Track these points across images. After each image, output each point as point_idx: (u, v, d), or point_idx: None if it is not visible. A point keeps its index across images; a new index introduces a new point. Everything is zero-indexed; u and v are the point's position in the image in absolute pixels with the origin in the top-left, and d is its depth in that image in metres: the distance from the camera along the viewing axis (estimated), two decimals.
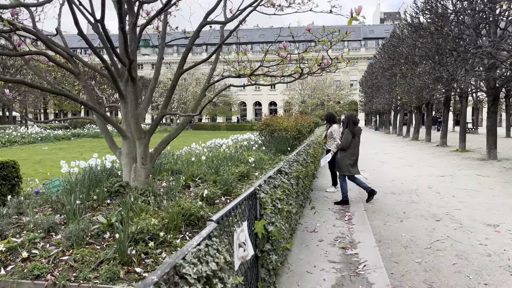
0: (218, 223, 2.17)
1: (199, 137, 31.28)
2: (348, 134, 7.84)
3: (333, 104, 61.79)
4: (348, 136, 7.83)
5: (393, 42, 29.14)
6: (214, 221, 2.11)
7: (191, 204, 5.27)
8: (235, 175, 8.40)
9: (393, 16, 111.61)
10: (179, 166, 8.46)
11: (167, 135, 6.87)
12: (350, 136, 7.85)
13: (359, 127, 8.18)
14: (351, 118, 8.08)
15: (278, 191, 3.65)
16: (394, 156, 16.73)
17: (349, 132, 7.86)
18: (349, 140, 7.84)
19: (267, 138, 14.84)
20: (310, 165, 7.15)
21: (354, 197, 8.37)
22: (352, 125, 7.96)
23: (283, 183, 4.00)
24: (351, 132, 7.86)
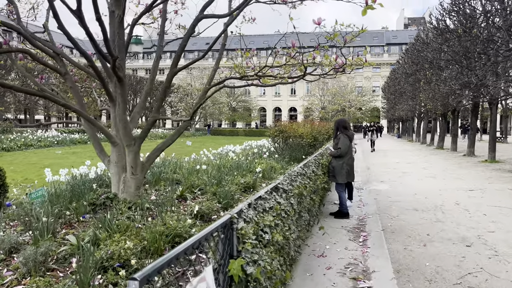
0: (148, 282, 1.45)
1: (216, 143, 30.72)
2: (345, 139, 7.15)
3: (355, 111, 60.48)
4: (345, 141, 7.13)
5: (417, 47, 27.97)
6: (139, 280, 1.39)
7: (178, 222, 4.57)
8: (240, 186, 7.71)
9: (418, 21, 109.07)
10: (180, 176, 7.79)
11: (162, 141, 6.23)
12: (347, 140, 7.16)
13: (351, 131, 7.65)
14: (341, 123, 7.49)
15: (268, 216, 2.91)
16: (417, 166, 15.68)
17: (345, 136, 7.17)
18: (348, 145, 7.16)
19: (280, 145, 14.08)
20: (321, 178, 6.35)
21: (371, 213, 7.52)
22: (344, 130, 7.35)
23: (278, 205, 3.26)
24: (347, 137, 7.18)
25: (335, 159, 7.18)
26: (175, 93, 53.02)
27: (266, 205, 3.01)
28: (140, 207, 5.59)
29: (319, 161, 7.04)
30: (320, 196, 6.36)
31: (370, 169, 14.67)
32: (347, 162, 7.14)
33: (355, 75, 76.94)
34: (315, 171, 5.96)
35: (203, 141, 34.24)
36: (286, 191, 3.77)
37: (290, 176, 4.32)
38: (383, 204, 8.30)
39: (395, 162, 17.53)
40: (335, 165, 7.15)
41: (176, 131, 6.16)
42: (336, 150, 7.11)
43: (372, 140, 24.07)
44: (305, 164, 5.65)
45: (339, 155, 7.09)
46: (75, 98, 5.86)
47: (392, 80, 45.79)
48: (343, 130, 7.23)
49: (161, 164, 9.14)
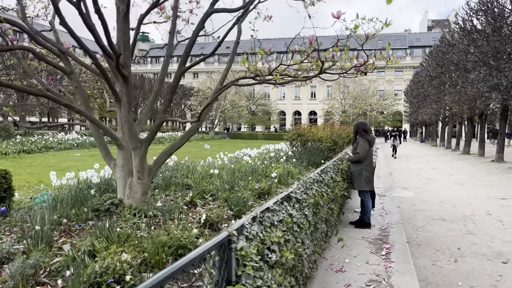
0: None
1: (234, 146, 30.43)
2: (364, 143, 6.65)
3: (376, 114, 59.35)
4: (364, 145, 6.63)
5: (442, 48, 27.07)
6: None
7: (183, 232, 4.20)
8: (254, 192, 7.31)
9: (442, 23, 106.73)
10: (191, 180, 7.45)
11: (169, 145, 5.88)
12: (366, 145, 6.66)
13: (372, 135, 7.11)
14: (361, 126, 6.98)
15: (277, 231, 2.50)
16: (442, 172, 14.95)
17: (365, 141, 6.67)
18: (367, 150, 6.65)
19: (298, 149, 13.61)
20: (340, 184, 5.89)
21: (394, 223, 7.00)
22: (364, 134, 6.83)
23: (289, 218, 2.85)
24: (367, 141, 6.68)
25: (354, 165, 6.70)
26: (194, 97, 53.10)
27: (275, 218, 2.60)
28: (146, 214, 5.27)
29: (338, 167, 6.58)
30: (339, 204, 5.90)
31: (393, 175, 14.04)
32: (365, 168, 6.65)
33: (376, 78, 75.74)
34: (333, 177, 5.50)
35: (221, 145, 34.04)
36: (300, 201, 3.35)
37: (305, 184, 3.90)
38: (407, 213, 7.76)
39: (418, 167, 16.81)
40: (353, 171, 6.68)
41: (185, 133, 5.82)
42: (355, 155, 6.63)
43: (395, 146, 22.52)
44: (322, 170, 5.21)
45: (358, 160, 6.61)
46: (80, 99, 5.59)
47: (415, 84, 44.62)
48: (363, 133, 6.76)
49: (173, 168, 8.83)
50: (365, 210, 6.67)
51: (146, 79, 52.80)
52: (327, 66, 4.88)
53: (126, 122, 5.18)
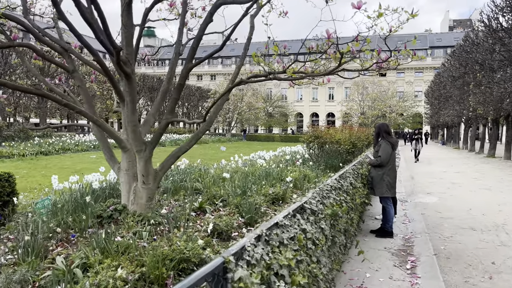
0: None
1: (251, 148, 30.06)
2: (387, 146, 6.14)
3: (396, 116, 58.21)
4: (387, 148, 6.12)
5: (465, 48, 26.15)
6: None
7: (187, 243, 3.83)
8: (268, 198, 6.91)
9: (464, 23, 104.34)
10: (201, 185, 7.09)
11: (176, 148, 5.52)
12: (389, 148, 6.15)
13: (395, 138, 6.62)
14: (383, 128, 6.46)
15: (287, 252, 2.09)
16: (467, 176, 14.23)
17: (387, 143, 6.17)
18: (389, 154, 6.14)
19: (315, 151, 13.14)
20: (361, 191, 5.43)
21: (419, 232, 6.49)
22: (387, 135, 6.33)
23: (302, 234, 2.43)
24: (389, 144, 6.17)
25: (374, 169, 6.22)
26: (211, 99, 53.07)
27: (285, 236, 2.20)
28: (151, 221, 4.93)
29: (358, 171, 6.12)
30: (359, 212, 5.44)
31: (414, 179, 13.42)
32: (388, 172, 6.16)
33: (396, 79, 74.39)
34: (353, 183, 5.05)
35: (238, 147, 33.73)
36: (315, 213, 2.93)
37: (322, 192, 3.47)
38: (433, 221, 7.22)
39: (441, 171, 16.09)
40: (373, 176, 6.19)
41: (194, 135, 5.46)
42: (376, 159, 6.15)
43: (417, 149, 21.04)
44: (341, 175, 4.77)
45: (379, 165, 6.13)
46: (83, 98, 5.30)
47: (436, 84, 43.48)
48: (385, 135, 6.27)
49: (184, 171, 8.50)
50: (387, 218, 6.18)
51: (162, 80, 53.05)
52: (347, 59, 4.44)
53: (130, 122, 4.85)
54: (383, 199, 6.19)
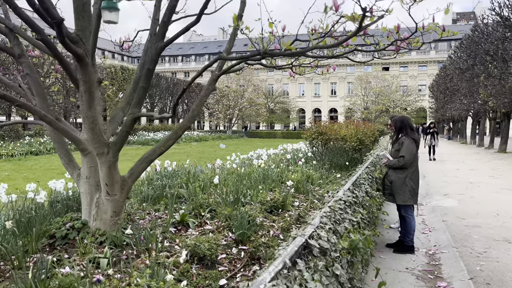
0: None
1: (251, 145, 29.03)
2: (411, 144, 5.07)
3: (400, 111, 57.09)
4: (411, 147, 5.06)
5: (474, 39, 25.00)
6: None
7: (150, 281, 2.82)
8: (265, 206, 5.90)
9: (467, 16, 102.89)
10: (186, 191, 6.06)
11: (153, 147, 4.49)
12: (413, 146, 5.10)
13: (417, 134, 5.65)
14: (407, 122, 5.36)
15: None
16: (484, 174, 13.17)
17: (411, 141, 5.11)
18: (414, 153, 5.11)
19: (319, 149, 12.12)
20: (378, 200, 4.42)
21: (445, 245, 5.48)
22: (410, 132, 5.25)
23: None
24: (413, 141, 5.12)
25: (395, 172, 5.17)
26: (211, 95, 51.98)
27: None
28: (116, 242, 3.92)
29: (372, 174, 5.09)
30: (374, 226, 4.43)
31: (426, 178, 12.37)
32: (411, 176, 5.13)
33: (399, 73, 73.23)
34: (369, 192, 4.03)
35: (238, 144, 32.74)
36: (326, 252, 1.93)
37: (333, 212, 2.46)
38: (458, 230, 6.19)
39: (454, 168, 15.04)
40: (394, 180, 5.14)
41: (171, 133, 4.43)
42: (398, 160, 5.11)
43: (433, 145, 18.32)
44: (355, 182, 3.76)
45: (401, 166, 5.09)
46: (33, 89, 4.29)
47: (441, 78, 42.32)
48: (409, 132, 5.22)
49: (171, 174, 7.49)
50: (408, 230, 5.15)
51: (162, 77, 51.97)
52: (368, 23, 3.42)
53: (87, 118, 3.83)
54: (403, 208, 5.15)
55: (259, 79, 74.46)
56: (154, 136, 32.74)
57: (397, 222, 6.32)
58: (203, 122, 75.70)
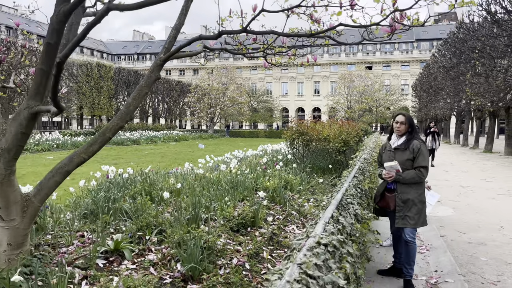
0: None
1: (232, 145, 27.85)
2: (426, 150, 4.01)
3: (383, 110, 56.83)
4: (427, 154, 4.00)
5: (460, 35, 24.41)
6: None
7: None
8: (232, 223, 4.85)
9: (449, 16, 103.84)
10: (130, 207, 4.91)
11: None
12: (427, 154, 4.05)
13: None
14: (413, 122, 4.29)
15: None
16: (475, 177, 12.38)
17: (425, 147, 4.06)
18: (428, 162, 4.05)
19: (300, 150, 11.11)
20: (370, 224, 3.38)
21: (448, 270, 4.50)
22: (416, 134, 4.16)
23: None
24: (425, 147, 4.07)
25: (411, 188, 3.94)
26: (192, 93, 50.52)
27: None
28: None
29: (361, 186, 4.06)
30: (365, 256, 3.39)
31: None
32: (423, 191, 4.07)
33: (382, 73, 73.04)
34: (359, 214, 2.99)
35: (218, 144, 31.58)
36: None
37: (308, 262, 1.41)
38: (461, 250, 5.23)
39: (443, 170, 14.23)
40: (411, 198, 3.91)
41: (98, 135, 3.30)
42: (417, 171, 3.90)
43: (433, 148, 15.04)
44: (340, 204, 2.71)
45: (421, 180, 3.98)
46: None
47: (425, 77, 41.95)
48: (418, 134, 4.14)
49: (124, 182, 6.34)
50: (411, 259, 4.03)
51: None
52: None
53: None
54: (409, 231, 4.01)
55: (242, 78, 73.31)
56: (131, 135, 31.27)
57: (388, 239, 5.33)
58: (185, 121, 74.13)
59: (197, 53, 4.08)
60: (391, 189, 4.06)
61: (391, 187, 4.07)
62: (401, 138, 4.10)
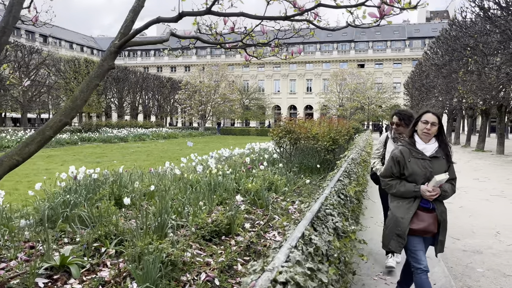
0: None
1: (222, 143, 27.25)
2: None
3: (375, 108, 56.64)
4: None
5: (452, 32, 24.12)
6: None
7: None
8: (205, 230, 4.39)
9: (441, 14, 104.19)
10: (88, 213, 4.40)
11: None
12: None
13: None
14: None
15: None
16: (467, 177, 12.02)
17: None
18: None
19: (287, 149, 10.66)
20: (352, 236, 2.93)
21: (440, 283, 4.08)
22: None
23: None
24: None
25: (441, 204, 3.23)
26: (182, 90, 49.78)
27: None
28: None
29: (345, 192, 3.61)
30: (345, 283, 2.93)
31: None
32: None
33: (374, 71, 72.90)
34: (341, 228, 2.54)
35: (208, 142, 31.01)
36: None
37: None
38: (455, 259, 4.82)
39: None
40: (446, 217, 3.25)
41: (36, 133, 2.83)
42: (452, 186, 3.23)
43: None
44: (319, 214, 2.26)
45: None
46: None
47: (417, 75, 41.74)
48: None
49: (92, 184, 5.84)
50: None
51: (131, 71, 49.50)
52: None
53: None
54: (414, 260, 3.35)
55: (234, 75, 72.76)
56: (118, 133, 30.59)
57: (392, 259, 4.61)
58: (176, 119, 73.36)
59: (162, 41, 3.59)
60: (428, 208, 3.15)
61: (428, 206, 3.15)
62: (430, 143, 3.22)
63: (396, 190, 3.18)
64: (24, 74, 33.55)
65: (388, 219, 3.26)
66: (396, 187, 3.19)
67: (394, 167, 3.22)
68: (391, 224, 3.17)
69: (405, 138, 4.07)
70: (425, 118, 3.22)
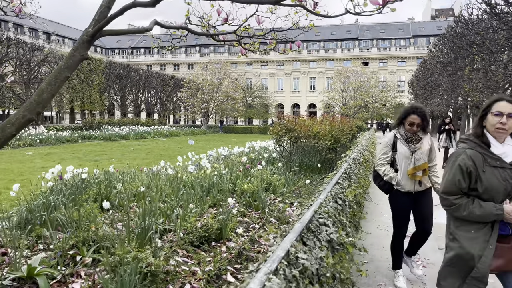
0: None
1: (224, 141, 26.99)
2: None
3: (379, 106, 56.15)
4: None
5: (458, 29, 23.66)
6: None
7: None
8: (194, 235, 4.10)
9: (446, 12, 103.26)
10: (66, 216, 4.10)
11: None
12: None
13: None
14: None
15: None
16: None
17: None
18: None
19: (287, 148, 10.34)
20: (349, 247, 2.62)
21: None
22: None
23: None
24: None
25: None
26: (185, 88, 49.49)
27: None
28: None
29: (343, 196, 3.29)
30: None
31: None
32: None
33: (378, 69, 72.31)
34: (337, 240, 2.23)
35: (209, 140, 30.73)
36: None
37: None
38: None
39: (440, 169, 13.48)
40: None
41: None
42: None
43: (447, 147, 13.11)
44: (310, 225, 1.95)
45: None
46: None
47: (421, 73, 41.24)
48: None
49: (79, 184, 5.55)
50: None
51: (133, 69, 49.27)
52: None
53: None
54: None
55: (237, 73, 72.44)
56: (120, 131, 30.38)
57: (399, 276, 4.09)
58: (179, 117, 73.18)
59: (145, 30, 3.28)
60: (507, 235, 2.33)
61: (507, 232, 2.34)
62: (506, 145, 2.37)
63: (468, 213, 2.28)
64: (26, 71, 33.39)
65: (454, 255, 2.38)
66: (469, 208, 2.29)
67: (463, 180, 2.31)
68: (461, 263, 2.33)
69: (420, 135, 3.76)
70: (497, 108, 2.28)
